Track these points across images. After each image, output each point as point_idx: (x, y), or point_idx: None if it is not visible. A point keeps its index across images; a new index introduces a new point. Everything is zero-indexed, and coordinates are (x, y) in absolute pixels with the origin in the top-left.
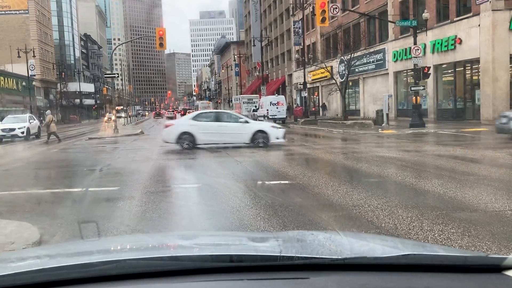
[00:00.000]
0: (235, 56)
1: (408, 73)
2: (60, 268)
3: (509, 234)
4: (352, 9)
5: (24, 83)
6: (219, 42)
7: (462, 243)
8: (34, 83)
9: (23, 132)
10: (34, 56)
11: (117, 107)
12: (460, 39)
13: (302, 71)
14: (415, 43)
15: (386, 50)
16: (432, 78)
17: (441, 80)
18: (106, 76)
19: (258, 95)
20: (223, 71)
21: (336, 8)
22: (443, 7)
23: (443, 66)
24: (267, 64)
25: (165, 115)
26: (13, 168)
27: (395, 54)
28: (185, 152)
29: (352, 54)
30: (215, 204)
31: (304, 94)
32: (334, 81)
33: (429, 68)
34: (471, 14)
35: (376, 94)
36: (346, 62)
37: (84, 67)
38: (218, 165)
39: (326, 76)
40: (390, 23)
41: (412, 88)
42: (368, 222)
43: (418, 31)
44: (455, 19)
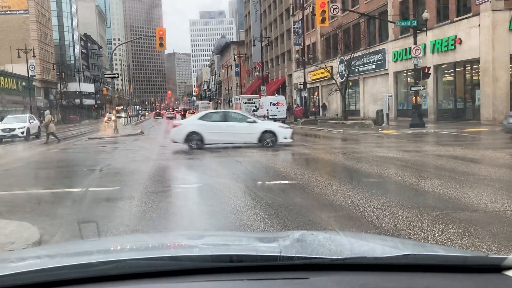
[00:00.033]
0: (235, 56)
1: (408, 73)
2: (60, 268)
3: (509, 234)
4: (352, 9)
5: (24, 83)
6: (219, 42)
7: (462, 243)
8: (34, 83)
9: (23, 132)
10: (34, 56)
11: (117, 107)
12: (460, 39)
13: (302, 71)
14: (415, 43)
15: (386, 50)
16: (432, 78)
17: (441, 80)
18: (106, 76)
19: (258, 95)
20: (223, 71)
21: (336, 8)
22: (443, 7)
23: (443, 66)
24: (267, 64)
25: (165, 115)
26: (13, 168)
27: (395, 54)
28: (185, 152)
29: (352, 54)
30: (215, 204)
31: (304, 94)
32: (334, 81)
33: (429, 68)
34: (471, 14)
35: (376, 94)
36: (346, 62)
37: (84, 67)
38: (218, 165)
39: (326, 76)
40: (390, 23)
41: (412, 88)
42: (368, 222)
43: (418, 31)
44: (455, 19)
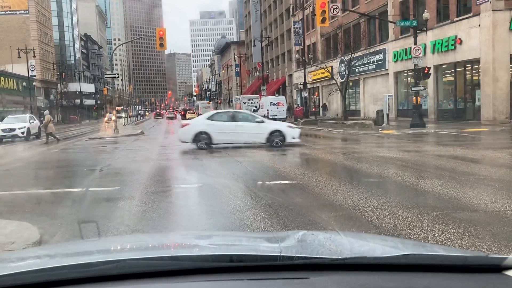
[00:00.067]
0: (236, 56)
1: (409, 73)
2: (60, 268)
3: (509, 234)
4: (352, 9)
5: (24, 84)
6: (219, 42)
7: (462, 243)
8: (34, 83)
9: (23, 132)
10: (35, 56)
11: (117, 107)
12: (460, 39)
13: (303, 71)
14: (415, 43)
15: (386, 50)
16: (433, 78)
17: (441, 80)
18: (106, 76)
19: (259, 95)
20: (223, 71)
21: (336, 8)
22: (443, 7)
23: (444, 66)
24: (267, 64)
25: (165, 115)
26: (13, 168)
27: (395, 54)
28: (185, 152)
29: (352, 54)
30: (215, 204)
31: (305, 94)
32: (334, 81)
33: (429, 68)
34: (471, 14)
35: (376, 94)
36: (346, 62)
37: (84, 67)
38: (218, 165)
39: (327, 76)
40: (390, 23)
41: (413, 88)
42: (368, 222)
43: (418, 31)
44: (455, 19)
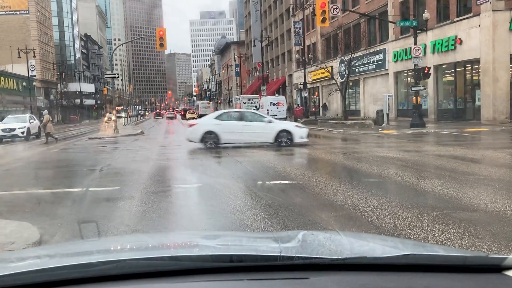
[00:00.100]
0: (236, 57)
1: (409, 73)
2: (60, 268)
3: (509, 234)
4: (353, 9)
5: (24, 83)
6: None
7: (462, 243)
8: (34, 83)
9: (23, 132)
10: (35, 56)
11: (117, 107)
12: (460, 39)
13: (303, 71)
14: (416, 43)
15: (386, 50)
16: (433, 78)
17: (441, 80)
18: (106, 76)
19: (259, 95)
20: (223, 71)
21: (337, 8)
22: (443, 7)
23: (444, 66)
24: (268, 65)
25: (165, 115)
26: (13, 168)
27: (395, 54)
28: (185, 152)
29: (353, 54)
30: (215, 204)
31: (305, 94)
32: (334, 81)
33: (429, 68)
34: (472, 14)
35: (376, 94)
36: (346, 62)
37: (84, 67)
38: (218, 165)
39: (327, 76)
40: (390, 24)
41: (413, 88)
42: (368, 222)
43: (418, 32)
44: (456, 20)
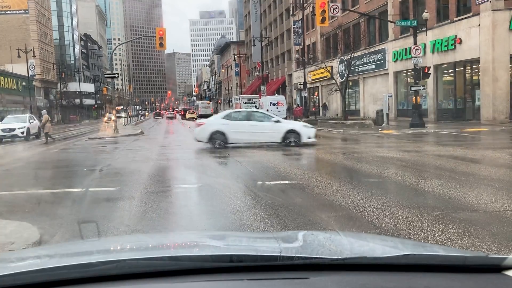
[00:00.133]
0: (235, 56)
1: (408, 73)
2: (60, 268)
3: (509, 234)
4: (352, 9)
5: (24, 83)
6: (219, 42)
7: (462, 243)
8: (34, 83)
9: (23, 132)
10: (34, 56)
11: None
12: (460, 39)
13: (302, 71)
14: (415, 43)
15: (386, 50)
16: (432, 78)
17: (441, 80)
18: (106, 76)
19: (258, 95)
20: (223, 71)
21: (336, 8)
22: (443, 7)
23: (443, 66)
24: (267, 64)
25: (165, 115)
26: (13, 168)
27: (395, 54)
28: (185, 152)
29: (352, 54)
30: (215, 204)
31: (304, 94)
32: (334, 81)
33: (429, 68)
34: (471, 14)
35: (376, 94)
36: (346, 62)
37: (84, 67)
38: (218, 165)
39: (326, 76)
40: (390, 23)
41: (412, 88)
42: (368, 222)
43: (418, 31)
44: (455, 19)
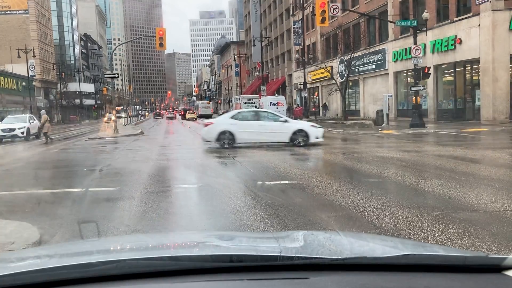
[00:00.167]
0: (235, 56)
1: (408, 73)
2: (60, 268)
3: (509, 234)
4: (352, 9)
5: (24, 83)
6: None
7: (462, 243)
8: (34, 83)
9: (23, 132)
10: (34, 56)
11: (117, 107)
12: (460, 39)
13: (302, 71)
14: (415, 43)
15: (386, 50)
16: (432, 78)
17: (441, 80)
18: (106, 76)
19: (258, 95)
20: (223, 71)
21: (336, 8)
22: (443, 7)
23: (443, 66)
24: (267, 64)
25: (165, 115)
26: (13, 168)
27: (395, 54)
28: (185, 152)
29: (352, 54)
30: (215, 204)
31: (304, 94)
32: (334, 81)
33: (429, 68)
34: (471, 14)
35: (376, 94)
36: (346, 62)
37: (84, 67)
38: (218, 165)
39: (326, 76)
40: (390, 23)
41: (412, 88)
42: (368, 222)
43: (418, 31)
44: (455, 19)
